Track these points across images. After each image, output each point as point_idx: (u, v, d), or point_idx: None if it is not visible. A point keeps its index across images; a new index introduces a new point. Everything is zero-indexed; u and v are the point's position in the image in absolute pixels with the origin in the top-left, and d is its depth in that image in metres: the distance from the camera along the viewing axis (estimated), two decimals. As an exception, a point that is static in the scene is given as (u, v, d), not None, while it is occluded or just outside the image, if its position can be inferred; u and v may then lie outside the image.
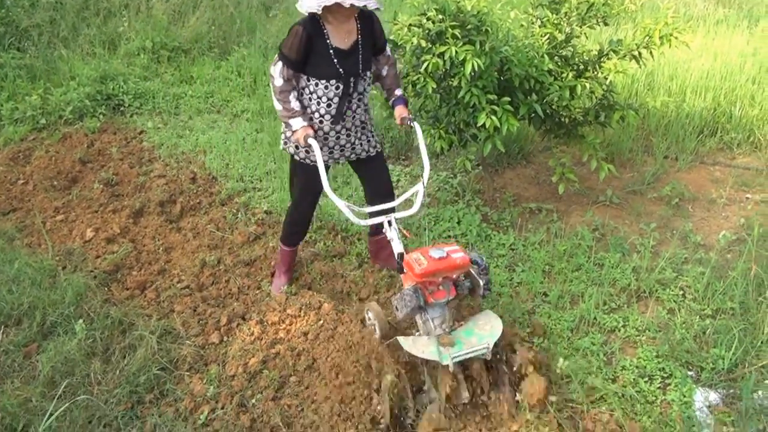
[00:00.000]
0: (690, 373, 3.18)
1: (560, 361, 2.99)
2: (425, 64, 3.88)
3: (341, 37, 3.21)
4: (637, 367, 3.19)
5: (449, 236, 4.40)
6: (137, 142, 6.19)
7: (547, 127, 4.64)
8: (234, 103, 7.02)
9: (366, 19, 3.27)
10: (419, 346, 2.82)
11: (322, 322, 3.52)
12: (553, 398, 2.93)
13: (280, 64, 3.23)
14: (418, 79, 4.09)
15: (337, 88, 3.26)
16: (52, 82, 6.96)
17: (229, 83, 7.43)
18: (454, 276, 2.96)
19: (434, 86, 4.01)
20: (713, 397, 3.02)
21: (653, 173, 5.22)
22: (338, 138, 3.46)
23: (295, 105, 3.28)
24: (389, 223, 3.26)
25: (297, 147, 3.49)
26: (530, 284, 3.88)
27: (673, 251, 4.10)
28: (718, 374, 3.13)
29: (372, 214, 3.34)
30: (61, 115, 6.45)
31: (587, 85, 4.09)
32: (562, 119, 4.53)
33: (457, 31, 3.77)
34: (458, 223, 4.54)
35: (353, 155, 3.62)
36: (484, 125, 3.94)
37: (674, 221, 4.61)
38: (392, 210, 3.39)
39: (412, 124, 3.42)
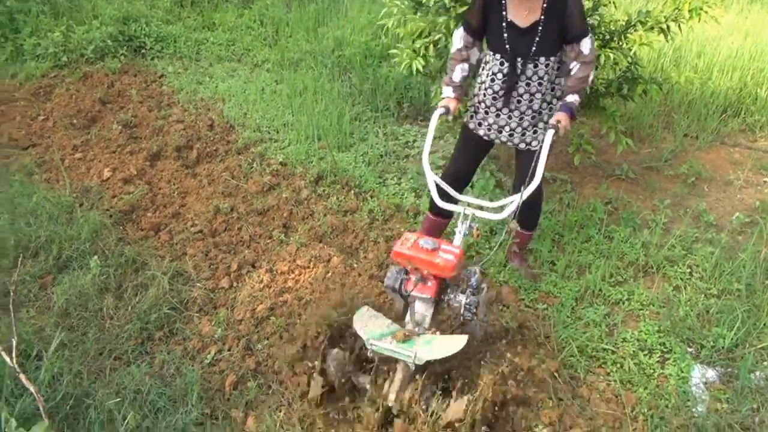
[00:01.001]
0: (690, 349, 3.21)
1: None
2: (448, 23, 3.83)
3: (520, 12, 2.90)
4: (638, 340, 3.23)
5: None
6: (157, 85, 6.21)
7: (568, 97, 4.60)
8: (255, 52, 6.99)
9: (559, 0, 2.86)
10: (369, 323, 2.62)
11: (330, 274, 3.57)
12: (552, 364, 2.99)
13: (461, 28, 3.06)
14: (440, 38, 4.05)
15: (502, 64, 3.00)
16: (74, 20, 6.95)
17: (251, 32, 7.39)
18: (434, 274, 2.59)
19: (457, 47, 3.97)
20: (711, 374, 3.06)
21: (672, 150, 5.19)
22: (498, 117, 3.16)
23: (455, 75, 3.10)
24: (465, 216, 2.83)
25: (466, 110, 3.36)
26: (539, 252, 3.91)
27: (685, 229, 4.10)
28: (717, 352, 3.17)
29: (451, 199, 3.00)
30: (83, 54, 6.46)
31: (611, 55, 4.03)
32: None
33: None
34: (471, 186, 4.55)
35: (521, 143, 3.23)
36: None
37: (688, 200, 4.60)
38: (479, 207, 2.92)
39: (552, 129, 2.85)
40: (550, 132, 2.84)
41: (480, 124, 3.27)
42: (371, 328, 2.59)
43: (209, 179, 4.65)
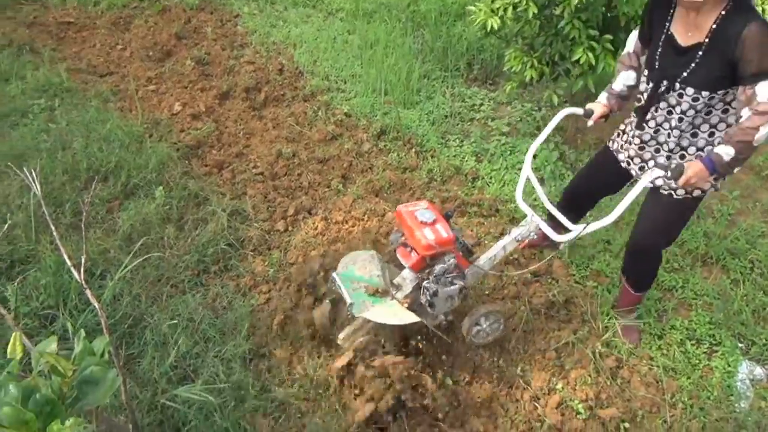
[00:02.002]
0: (740, 344, 3.14)
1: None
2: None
3: (683, 28, 2.39)
4: (687, 328, 3.17)
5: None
6: (232, 25, 6.27)
7: (645, 74, 4.45)
8: (330, 0, 6.96)
9: (733, 24, 2.23)
10: (357, 263, 2.71)
11: (384, 229, 3.61)
12: (598, 344, 2.98)
13: (637, 29, 2.69)
14: (519, 1, 3.95)
15: (647, 82, 2.55)
16: (158, -48, 7.04)
17: (328, -21, 7.34)
18: (411, 245, 2.62)
19: (536, 11, 3.87)
20: (759, 371, 2.99)
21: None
22: (630, 142, 2.75)
23: (617, 82, 2.76)
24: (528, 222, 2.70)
25: None
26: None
27: (752, 222, 3.96)
28: (769, 351, 3.09)
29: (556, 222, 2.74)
30: (163, -12, 6.56)
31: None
32: (664, 68, 4.32)
33: None
34: (534, 156, 4.48)
35: (639, 174, 2.78)
36: (579, 61, 3.81)
37: (760, 193, 4.42)
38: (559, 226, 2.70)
39: (660, 170, 2.45)
40: (654, 172, 2.42)
41: (622, 147, 2.86)
42: (353, 267, 2.70)
43: (274, 123, 4.72)
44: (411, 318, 2.49)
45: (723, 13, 2.26)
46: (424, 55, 5.79)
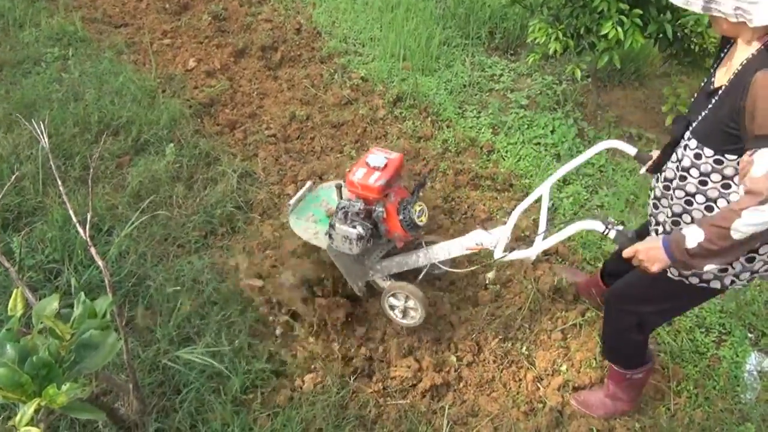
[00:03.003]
0: (750, 335, 3.09)
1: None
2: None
3: (724, 65, 1.95)
4: (697, 316, 3.12)
5: (539, 143, 4.28)
6: (250, -20, 6.14)
7: (672, 51, 4.30)
8: (352, -41, 6.78)
9: (757, 66, 1.73)
10: (326, 190, 2.94)
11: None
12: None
13: None
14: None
15: (674, 122, 2.07)
16: None
17: (352, -63, 7.14)
18: None
19: (565, -18, 3.74)
20: (767, 363, 2.95)
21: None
22: (650, 191, 2.25)
23: None
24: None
25: None
26: (610, 210, 3.78)
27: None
28: (779, 344, 3.04)
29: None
30: (183, -62, 6.41)
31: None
32: (692, 46, 4.17)
33: None
34: (552, 131, 4.39)
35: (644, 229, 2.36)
36: (606, 35, 3.68)
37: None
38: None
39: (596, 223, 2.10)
40: (592, 224, 2.09)
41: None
42: (330, 191, 2.83)
43: (289, 84, 4.64)
44: (320, 244, 2.69)
45: (754, 52, 1.76)
46: (446, 21, 5.65)
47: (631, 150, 2.38)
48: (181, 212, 3.32)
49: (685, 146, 1.92)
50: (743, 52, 1.81)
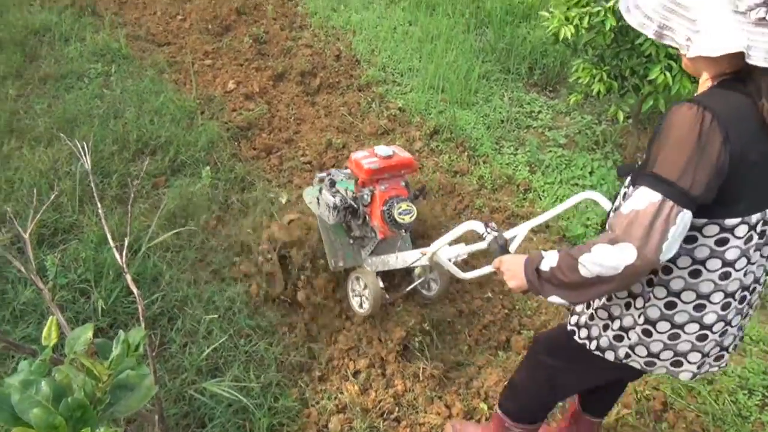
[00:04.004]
0: (794, 400, 2.97)
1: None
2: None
3: None
4: (740, 376, 3.00)
5: (577, 184, 4.20)
6: (293, 5, 6.19)
7: (719, 99, 4.23)
8: (394, -12, 6.82)
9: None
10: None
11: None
12: (644, 385, 2.84)
13: None
14: (598, 12, 3.76)
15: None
16: (226, -76, 6.98)
17: (394, -34, 7.19)
18: None
19: (614, 24, 3.68)
20: (812, 432, 2.82)
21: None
22: None
23: None
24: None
25: None
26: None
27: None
28: (825, 411, 2.91)
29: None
30: (228, -40, 6.50)
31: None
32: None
33: None
34: (590, 173, 4.32)
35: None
36: (653, 80, 3.62)
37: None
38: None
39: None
40: (470, 224, 2.09)
41: None
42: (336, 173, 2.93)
43: (326, 111, 4.63)
44: (314, 210, 2.92)
45: (705, 91, 1.52)
46: (485, 54, 5.63)
47: (607, 204, 2.22)
48: (214, 236, 3.29)
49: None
50: (701, 88, 1.58)
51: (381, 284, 2.82)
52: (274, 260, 2.99)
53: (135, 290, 2.07)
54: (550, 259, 1.58)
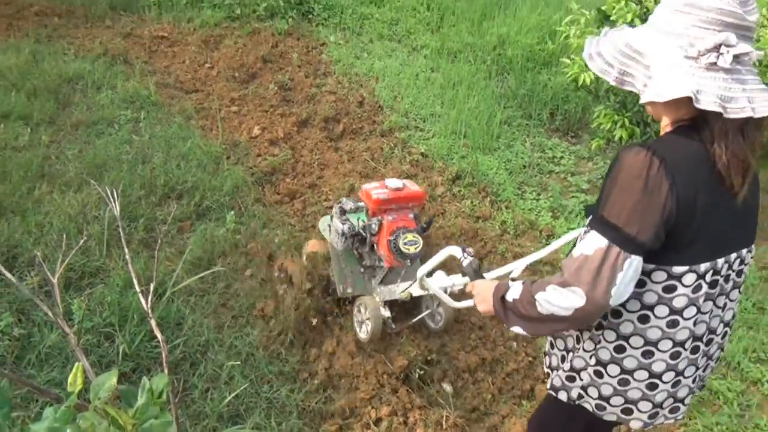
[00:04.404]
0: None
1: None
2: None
3: None
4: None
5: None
6: (317, 53, 6.32)
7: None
8: (416, 36, 6.94)
9: None
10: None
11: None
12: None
13: None
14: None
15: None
16: (254, -24, 7.20)
17: (416, 15, 7.34)
18: None
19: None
20: None
21: None
22: None
23: None
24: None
25: None
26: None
27: None
28: None
29: None
30: (255, 10, 6.69)
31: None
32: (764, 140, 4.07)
33: (762, 54, 3.35)
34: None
35: None
36: (676, 127, 3.62)
37: None
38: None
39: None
40: (449, 249, 2.08)
41: None
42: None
43: (349, 156, 4.68)
44: (327, 236, 3.08)
45: (662, 136, 1.53)
46: (507, 100, 5.69)
47: None
48: (238, 281, 3.31)
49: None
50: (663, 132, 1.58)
51: (388, 314, 2.92)
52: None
53: (159, 335, 2.07)
54: (514, 291, 1.59)
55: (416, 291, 2.75)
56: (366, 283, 3.07)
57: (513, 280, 1.65)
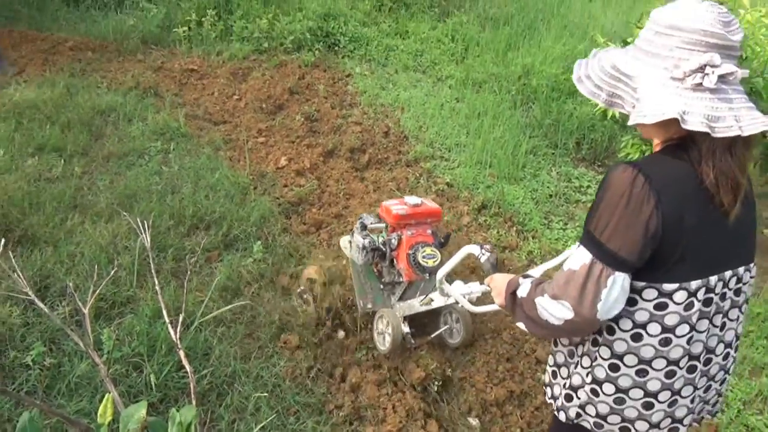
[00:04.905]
0: None
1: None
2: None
3: None
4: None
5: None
6: (343, 84, 6.41)
7: (775, 173, 4.14)
8: (441, 66, 7.01)
9: None
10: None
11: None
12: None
13: None
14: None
15: None
16: (281, 10, 7.35)
17: (441, 46, 7.42)
18: None
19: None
20: None
21: None
22: None
23: None
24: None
25: None
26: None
27: None
28: None
29: None
30: (282, 43, 6.82)
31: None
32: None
33: (747, 72, 3.38)
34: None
35: None
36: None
37: None
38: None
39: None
40: (468, 248, 2.28)
41: None
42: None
43: (375, 186, 4.71)
44: (347, 253, 3.16)
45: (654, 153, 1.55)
46: (532, 129, 5.68)
47: None
48: (264, 311, 3.32)
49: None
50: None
51: (407, 329, 3.03)
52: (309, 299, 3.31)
53: (188, 366, 2.09)
54: (523, 289, 1.62)
55: (437, 298, 2.80)
56: (385, 299, 3.20)
57: (525, 277, 1.68)
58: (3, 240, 2.26)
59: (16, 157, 4.26)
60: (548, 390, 1.82)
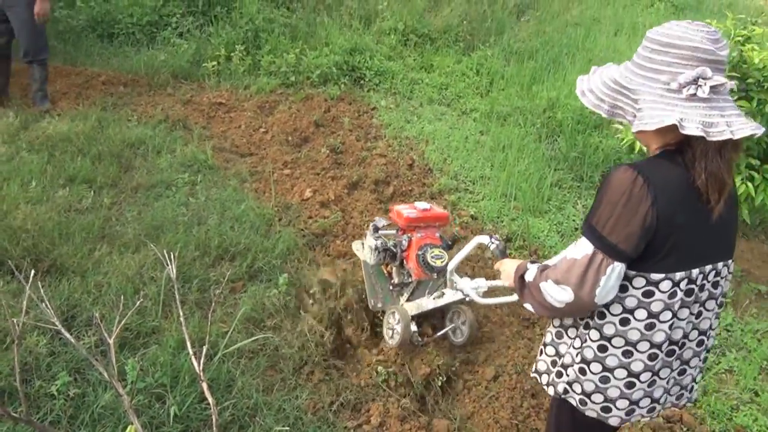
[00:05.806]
0: None
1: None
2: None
3: None
4: None
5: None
6: (368, 117, 6.47)
7: (807, 207, 4.06)
8: (465, 100, 7.05)
9: None
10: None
11: (503, 338, 3.41)
12: None
13: None
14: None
15: None
16: (308, 45, 7.49)
17: (466, 79, 7.47)
18: None
19: (689, 135, 3.66)
20: None
21: None
22: None
23: None
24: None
25: None
26: (741, 377, 3.44)
27: None
28: None
29: None
30: (309, 77, 6.93)
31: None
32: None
33: (734, 83, 3.39)
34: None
35: None
36: (735, 190, 3.53)
37: None
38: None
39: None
40: (478, 238, 2.69)
41: None
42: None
43: (399, 218, 4.70)
44: (360, 255, 3.47)
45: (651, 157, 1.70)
46: (557, 162, 5.67)
47: None
48: (288, 343, 3.32)
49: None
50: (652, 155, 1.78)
51: (415, 328, 3.24)
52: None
53: (210, 399, 2.09)
54: (530, 273, 1.81)
55: (448, 293, 2.95)
56: (395, 300, 3.44)
57: (533, 262, 1.86)
58: (33, 271, 2.30)
59: (48, 189, 4.34)
60: (534, 365, 2.02)
